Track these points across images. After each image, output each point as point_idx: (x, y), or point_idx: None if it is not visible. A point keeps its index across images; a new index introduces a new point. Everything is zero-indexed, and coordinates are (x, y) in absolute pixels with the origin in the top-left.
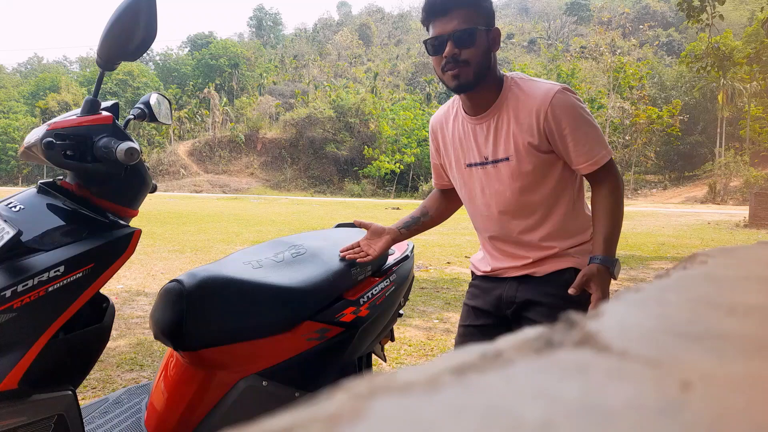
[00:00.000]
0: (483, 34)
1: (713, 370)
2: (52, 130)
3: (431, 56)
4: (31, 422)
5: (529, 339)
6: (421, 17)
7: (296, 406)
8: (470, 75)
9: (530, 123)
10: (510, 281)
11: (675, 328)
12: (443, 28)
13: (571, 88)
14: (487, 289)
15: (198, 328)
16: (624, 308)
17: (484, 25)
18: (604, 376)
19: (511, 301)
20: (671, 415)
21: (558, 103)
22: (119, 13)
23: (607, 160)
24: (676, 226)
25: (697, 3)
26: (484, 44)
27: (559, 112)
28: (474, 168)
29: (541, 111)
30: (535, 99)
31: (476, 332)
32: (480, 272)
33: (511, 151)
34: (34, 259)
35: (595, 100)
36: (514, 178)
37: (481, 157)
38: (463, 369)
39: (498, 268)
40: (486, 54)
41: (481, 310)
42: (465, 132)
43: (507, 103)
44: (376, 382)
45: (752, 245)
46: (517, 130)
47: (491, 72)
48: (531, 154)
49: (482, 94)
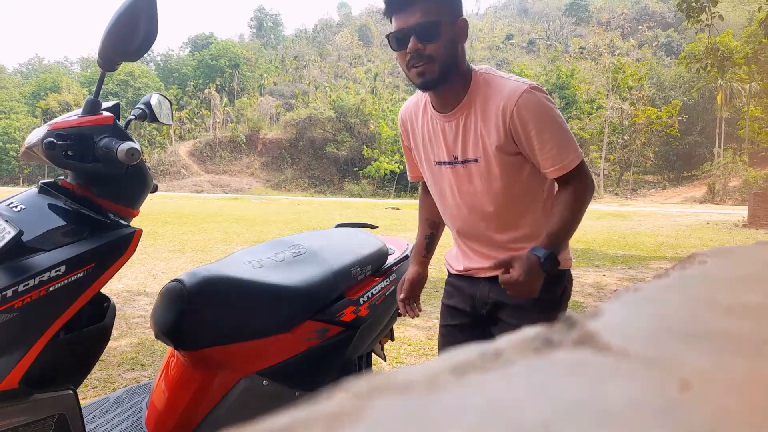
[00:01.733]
0: (448, 26)
1: (712, 370)
2: (53, 130)
3: (394, 51)
4: (32, 422)
5: (529, 338)
6: (384, 9)
7: (297, 406)
8: (435, 71)
9: (497, 123)
10: (483, 281)
11: (674, 327)
12: (405, 21)
13: (540, 86)
14: (461, 288)
15: (199, 328)
16: (623, 308)
17: (449, 16)
18: (604, 376)
19: (484, 302)
20: (670, 414)
21: (525, 104)
22: (120, 13)
23: (575, 165)
24: (675, 226)
25: (695, 4)
26: (449, 37)
27: (525, 113)
28: (443, 166)
29: (507, 111)
30: (501, 98)
31: (456, 332)
32: (454, 270)
33: (480, 153)
34: (36, 259)
35: (594, 101)
36: (484, 180)
37: (450, 156)
38: (462, 369)
39: (470, 268)
40: (452, 48)
41: (458, 310)
42: (434, 129)
43: (475, 100)
44: (376, 382)
45: (751, 245)
46: (485, 130)
47: (459, 67)
48: (499, 157)
49: (450, 90)
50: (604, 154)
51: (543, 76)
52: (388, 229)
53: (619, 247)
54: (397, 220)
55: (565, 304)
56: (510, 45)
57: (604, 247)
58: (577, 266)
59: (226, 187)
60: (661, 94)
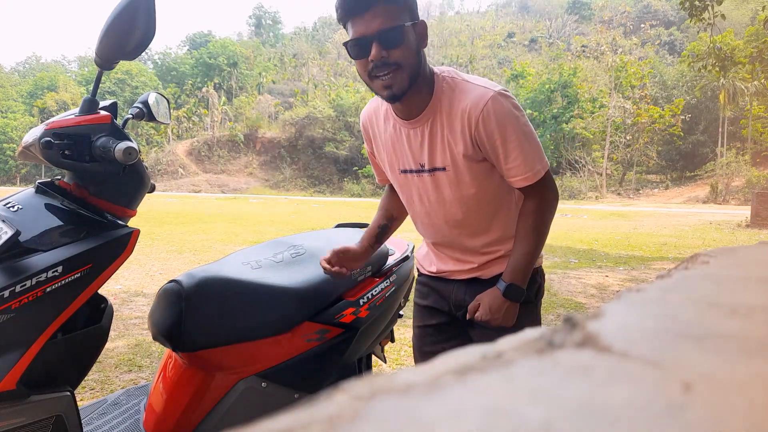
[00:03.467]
0: (410, 30)
1: (714, 371)
2: (50, 129)
3: (354, 60)
4: (30, 423)
5: (530, 340)
6: (337, 15)
7: (296, 408)
8: (405, 80)
9: (462, 130)
10: (457, 284)
11: (676, 328)
12: (366, 27)
13: (508, 91)
14: (435, 289)
15: (197, 329)
16: (625, 309)
17: (409, 19)
18: (606, 377)
19: (460, 305)
20: (672, 415)
21: (491, 111)
22: (117, 12)
23: (541, 176)
24: (677, 226)
25: (698, 2)
26: (413, 42)
27: (491, 121)
28: (409, 174)
29: (472, 118)
30: (466, 103)
31: (433, 331)
32: (426, 271)
33: (448, 161)
34: (33, 260)
35: (596, 100)
36: (453, 188)
37: (416, 164)
38: (463, 370)
39: (444, 271)
40: (417, 53)
41: (436, 309)
42: (398, 136)
43: (440, 106)
44: (376, 383)
45: (754, 245)
46: (452, 138)
47: (422, 72)
48: (468, 165)
49: (414, 97)
50: (606, 153)
51: (545, 74)
52: None
53: (622, 247)
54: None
55: (539, 301)
56: (512, 43)
57: (607, 248)
58: (580, 267)
59: (224, 187)
60: (664, 93)
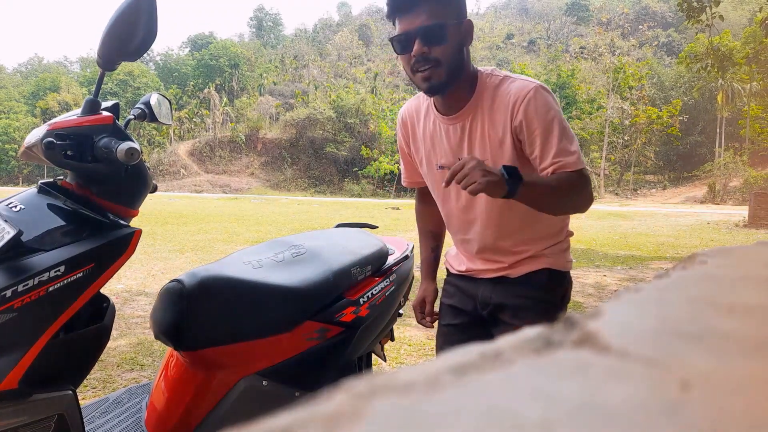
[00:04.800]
0: (454, 28)
1: (713, 370)
2: (52, 130)
3: (399, 55)
4: (32, 422)
5: (529, 339)
6: (386, 12)
7: (296, 406)
8: (443, 75)
9: (504, 123)
10: (485, 282)
11: (674, 328)
12: (410, 23)
13: (547, 87)
14: (463, 288)
15: (198, 328)
16: (624, 308)
17: (454, 18)
18: (604, 376)
19: (486, 303)
20: (671, 414)
21: (531, 102)
22: (119, 13)
23: (574, 168)
24: (675, 226)
25: (696, 3)
26: (455, 40)
27: (531, 111)
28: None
29: (515, 109)
30: (509, 96)
31: (456, 331)
32: (455, 270)
33: (487, 156)
34: (35, 259)
35: (594, 101)
36: None
37: (454, 159)
38: (462, 369)
39: (473, 269)
40: (458, 50)
41: (460, 309)
42: (437, 132)
43: (482, 103)
44: (376, 382)
45: (751, 245)
46: (492, 133)
47: (465, 69)
48: (505, 160)
49: (455, 93)
50: (604, 154)
51: (543, 75)
52: (388, 229)
53: (620, 247)
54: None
55: (565, 306)
56: (510, 44)
57: (605, 248)
58: (578, 267)
59: (226, 187)
60: (662, 94)
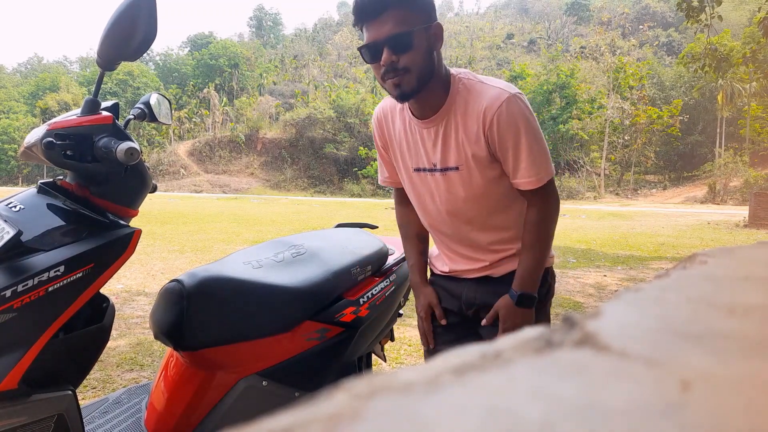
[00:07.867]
0: (422, 34)
1: (713, 370)
2: (52, 130)
3: (368, 64)
4: (31, 422)
5: (529, 339)
6: (353, 20)
7: (296, 406)
8: (413, 82)
9: (477, 131)
10: (469, 283)
11: (674, 328)
12: (377, 32)
13: (523, 95)
14: (447, 288)
15: (198, 328)
16: (623, 308)
17: (423, 22)
18: (604, 376)
19: (471, 303)
20: (671, 415)
21: (505, 111)
22: (119, 13)
23: (545, 182)
24: (675, 226)
25: (696, 3)
26: (424, 45)
27: (505, 121)
28: (422, 173)
29: (487, 117)
30: (482, 103)
31: (443, 331)
32: (438, 271)
33: (462, 161)
34: (34, 259)
35: (594, 100)
36: (465, 187)
37: (429, 163)
38: (462, 369)
39: (456, 270)
40: (428, 56)
41: (446, 309)
42: (412, 134)
43: (455, 107)
44: (376, 382)
45: (752, 245)
46: (466, 138)
47: (436, 73)
48: (480, 165)
49: (428, 97)
50: (604, 154)
51: (543, 75)
52: (388, 229)
53: (620, 247)
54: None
55: (549, 300)
56: (510, 44)
57: (605, 248)
58: (578, 267)
59: (226, 187)
60: (662, 94)
